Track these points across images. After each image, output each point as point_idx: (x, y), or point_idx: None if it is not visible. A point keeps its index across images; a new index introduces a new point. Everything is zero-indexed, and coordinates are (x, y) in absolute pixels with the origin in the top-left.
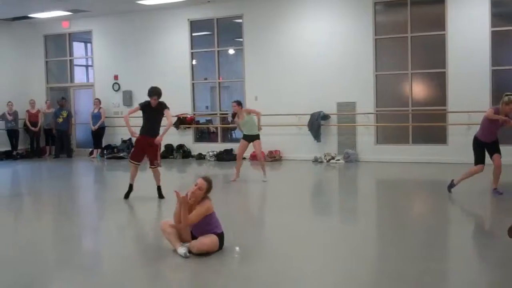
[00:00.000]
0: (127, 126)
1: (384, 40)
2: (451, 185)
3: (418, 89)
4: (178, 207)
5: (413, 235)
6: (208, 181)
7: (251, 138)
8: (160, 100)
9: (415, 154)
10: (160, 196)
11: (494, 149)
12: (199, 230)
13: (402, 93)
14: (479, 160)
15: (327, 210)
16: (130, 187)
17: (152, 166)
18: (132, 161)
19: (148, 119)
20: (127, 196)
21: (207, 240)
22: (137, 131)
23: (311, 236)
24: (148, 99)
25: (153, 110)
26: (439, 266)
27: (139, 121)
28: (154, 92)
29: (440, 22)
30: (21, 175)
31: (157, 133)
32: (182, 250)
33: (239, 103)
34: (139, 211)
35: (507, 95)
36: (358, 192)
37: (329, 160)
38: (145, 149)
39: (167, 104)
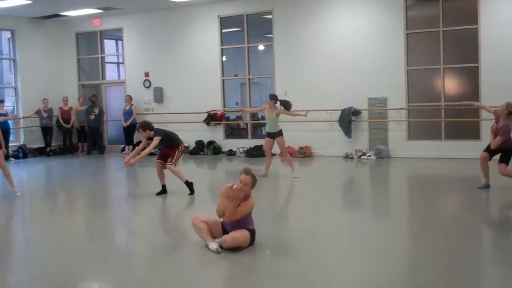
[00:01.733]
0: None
1: (415, 34)
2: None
3: (451, 84)
4: (224, 202)
5: (445, 231)
6: (253, 177)
7: (273, 135)
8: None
9: (448, 150)
10: (163, 191)
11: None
12: (232, 225)
13: (434, 88)
14: None
15: (358, 207)
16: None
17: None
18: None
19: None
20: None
21: (239, 235)
22: None
23: (342, 232)
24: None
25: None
26: (472, 262)
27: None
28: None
29: (472, 16)
30: (54, 171)
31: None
32: (214, 245)
33: (272, 97)
34: (170, 206)
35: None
36: (390, 189)
37: (360, 156)
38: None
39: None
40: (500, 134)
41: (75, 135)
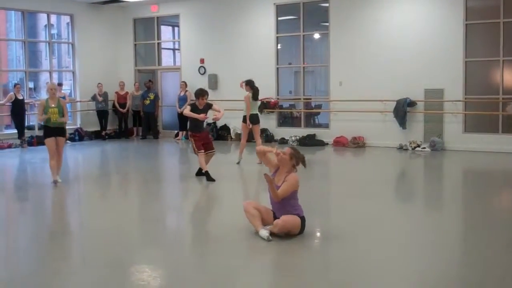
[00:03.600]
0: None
1: (475, 25)
2: None
3: (510, 77)
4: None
5: (499, 227)
6: (294, 149)
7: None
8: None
9: (505, 143)
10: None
11: None
12: (283, 211)
13: (492, 81)
14: None
15: (411, 199)
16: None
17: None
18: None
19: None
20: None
21: (290, 219)
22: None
23: (393, 224)
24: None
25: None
26: None
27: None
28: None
29: None
30: (109, 154)
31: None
32: (264, 232)
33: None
34: (221, 192)
35: None
36: (444, 182)
37: (415, 148)
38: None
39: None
40: None
41: (130, 120)
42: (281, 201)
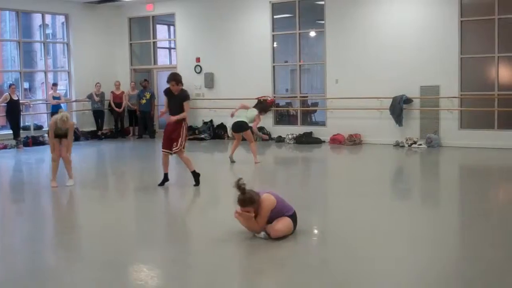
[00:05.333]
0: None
1: (470, 22)
2: None
3: (505, 73)
4: (246, 222)
5: (496, 222)
6: (242, 199)
7: None
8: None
9: (501, 139)
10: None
11: None
12: (271, 217)
13: (488, 77)
14: None
15: (408, 196)
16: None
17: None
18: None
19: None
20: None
21: (281, 226)
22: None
23: (390, 221)
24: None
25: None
26: None
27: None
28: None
29: None
30: (106, 154)
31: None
32: (261, 233)
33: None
34: (218, 191)
35: None
36: (440, 178)
37: (411, 144)
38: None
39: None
40: None
41: (126, 119)
42: (270, 218)
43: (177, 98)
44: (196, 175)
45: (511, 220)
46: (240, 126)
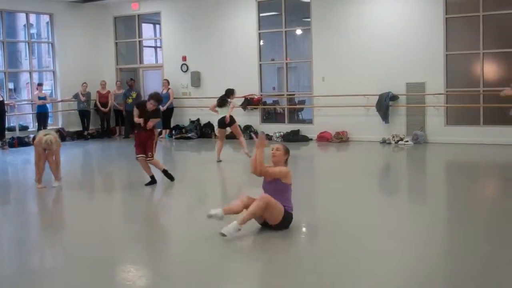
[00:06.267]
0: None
1: (455, 19)
2: None
3: (490, 69)
4: (256, 153)
5: (482, 218)
6: (284, 145)
7: None
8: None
9: (486, 135)
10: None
11: None
12: (271, 193)
13: (473, 73)
14: None
15: (395, 192)
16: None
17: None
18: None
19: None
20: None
21: (277, 204)
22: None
23: (378, 218)
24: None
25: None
26: (509, 250)
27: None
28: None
29: None
30: (92, 155)
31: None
32: (215, 211)
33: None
34: (206, 191)
35: None
36: (427, 174)
37: (397, 141)
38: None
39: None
40: None
41: (113, 119)
42: (275, 187)
43: (150, 114)
44: (166, 173)
45: (498, 216)
46: (226, 122)
